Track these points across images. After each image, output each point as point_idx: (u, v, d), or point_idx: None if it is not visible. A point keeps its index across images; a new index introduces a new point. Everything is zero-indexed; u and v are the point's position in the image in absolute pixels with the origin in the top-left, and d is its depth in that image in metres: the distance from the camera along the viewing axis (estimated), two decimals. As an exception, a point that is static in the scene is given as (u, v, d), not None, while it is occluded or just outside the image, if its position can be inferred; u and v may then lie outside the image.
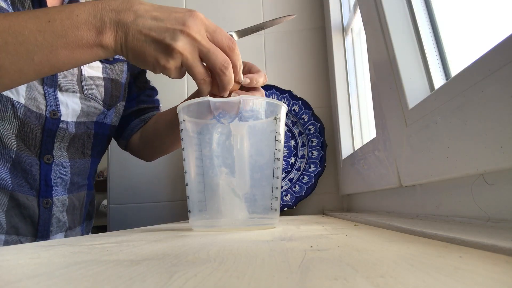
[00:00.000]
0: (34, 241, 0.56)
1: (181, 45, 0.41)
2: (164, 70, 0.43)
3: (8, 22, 0.39)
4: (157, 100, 0.78)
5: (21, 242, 0.55)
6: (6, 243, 0.53)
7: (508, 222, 0.29)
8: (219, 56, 0.42)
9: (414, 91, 0.47)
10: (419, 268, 0.15)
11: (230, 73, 0.43)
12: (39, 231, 0.57)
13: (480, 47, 0.34)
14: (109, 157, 1.07)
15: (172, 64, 0.42)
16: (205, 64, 0.43)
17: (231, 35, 0.47)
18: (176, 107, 0.57)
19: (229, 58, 0.43)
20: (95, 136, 0.65)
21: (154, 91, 0.79)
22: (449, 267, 0.15)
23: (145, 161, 0.80)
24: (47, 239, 0.58)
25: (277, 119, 0.44)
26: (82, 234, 0.69)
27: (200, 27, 0.41)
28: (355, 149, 0.86)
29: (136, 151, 0.77)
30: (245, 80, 0.47)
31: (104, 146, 0.70)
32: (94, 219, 0.73)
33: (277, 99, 0.97)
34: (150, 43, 0.41)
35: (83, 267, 0.18)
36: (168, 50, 0.41)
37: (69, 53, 0.41)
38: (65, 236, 0.62)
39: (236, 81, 0.45)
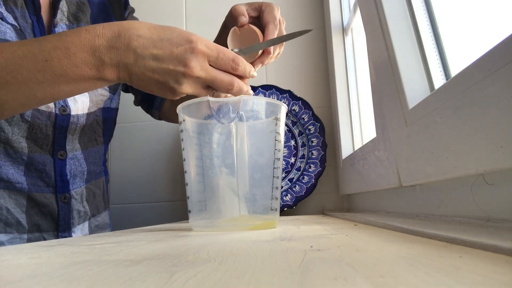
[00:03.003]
0: (57, 235, 0.58)
1: (185, 86, 0.42)
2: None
3: (4, 61, 0.38)
4: None
5: (44, 238, 0.56)
6: (29, 240, 0.55)
7: (508, 222, 0.29)
8: (223, 81, 0.43)
9: (414, 91, 0.47)
10: (419, 268, 0.15)
11: (236, 90, 0.44)
12: (60, 225, 0.58)
13: (480, 47, 0.34)
14: (109, 158, 1.07)
15: (179, 96, 0.44)
16: None
17: (237, 52, 0.47)
18: None
19: (235, 74, 0.44)
20: (104, 122, 0.66)
21: None
22: (449, 267, 0.15)
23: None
24: (69, 231, 0.59)
25: (277, 119, 0.44)
26: (110, 219, 0.71)
27: (202, 62, 0.41)
28: (355, 149, 0.86)
29: (170, 117, 0.77)
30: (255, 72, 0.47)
31: (112, 130, 0.71)
32: None
33: (277, 99, 0.97)
34: (154, 83, 0.42)
35: (83, 267, 0.18)
36: (173, 90, 0.42)
37: (72, 87, 0.41)
38: (89, 225, 0.64)
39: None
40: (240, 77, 0.45)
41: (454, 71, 0.46)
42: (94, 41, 0.40)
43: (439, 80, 0.47)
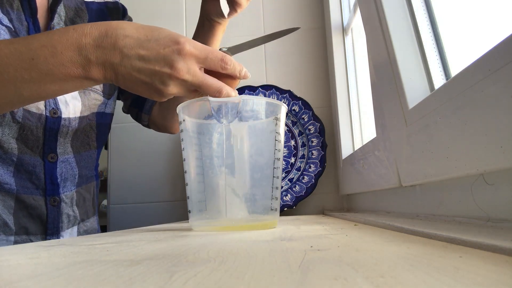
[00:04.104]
0: (45, 238, 0.57)
1: (171, 88, 0.41)
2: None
3: None
4: None
5: (31, 241, 0.55)
6: (16, 243, 0.54)
7: (508, 222, 0.29)
8: (211, 87, 0.42)
9: (414, 91, 0.47)
10: (419, 268, 0.15)
11: (225, 94, 0.43)
12: (48, 228, 0.57)
13: (480, 47, 0.34)
14: (109, 157, 1.07)
15: (166, 98, 0.43)
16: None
17: (225, 51, 0.46)
18: None
19: (225, 74, 0.43)
20: (98, 127, 0.65)
21: None
22: (449, 267, 0.15)
23: (170, 133, 0.80)
24: (57, 235, 0.58)
25: (277, 119, 0.44)
26: (98, 225, 0.70)
27: (190, 64, 0.41)
28: (355, 149, 0.86)
29: (159, 124, 0.76)
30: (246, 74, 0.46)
31: (106, 135, 0.70)
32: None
33: (277, 99, 0.97)
34: (141, 84, 0.41)
35: (83, 267, 0.18)
36: (159, 91, 0.42)
37: (58, 86, 0.41)
38: (78, 230, 0.63)
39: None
40: (231, 78, 0.44)
41: (454, 71, 0.46)
42: (81, 39, 0.39)
43: (439, 80, 0.47)
